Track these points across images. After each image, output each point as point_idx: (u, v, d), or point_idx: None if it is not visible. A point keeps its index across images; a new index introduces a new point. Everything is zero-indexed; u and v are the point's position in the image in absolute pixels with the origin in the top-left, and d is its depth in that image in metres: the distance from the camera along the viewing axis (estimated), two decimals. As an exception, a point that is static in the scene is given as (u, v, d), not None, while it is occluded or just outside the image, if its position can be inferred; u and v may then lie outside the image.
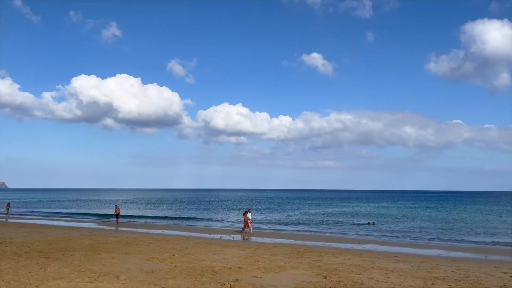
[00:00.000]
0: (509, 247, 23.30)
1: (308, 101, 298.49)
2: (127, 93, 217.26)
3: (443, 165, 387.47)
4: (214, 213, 54.53)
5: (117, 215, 35.61)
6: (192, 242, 20.24)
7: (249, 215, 27.61)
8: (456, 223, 39.21)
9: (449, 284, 10.83)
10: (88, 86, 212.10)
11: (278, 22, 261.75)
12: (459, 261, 15.92)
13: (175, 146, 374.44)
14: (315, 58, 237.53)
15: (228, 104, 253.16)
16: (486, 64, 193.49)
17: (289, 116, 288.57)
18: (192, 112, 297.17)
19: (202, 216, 48.60)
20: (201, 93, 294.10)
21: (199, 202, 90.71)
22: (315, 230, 32.74)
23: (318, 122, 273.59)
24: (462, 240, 26.54)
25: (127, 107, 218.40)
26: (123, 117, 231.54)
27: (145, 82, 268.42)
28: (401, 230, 32.90)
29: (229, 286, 10.08)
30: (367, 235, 28.98)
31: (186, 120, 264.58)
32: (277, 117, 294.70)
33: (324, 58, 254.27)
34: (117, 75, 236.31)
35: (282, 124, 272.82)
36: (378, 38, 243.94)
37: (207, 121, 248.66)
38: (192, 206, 71.53)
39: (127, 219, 41.95)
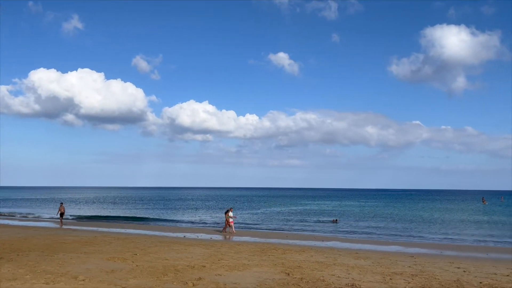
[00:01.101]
0: (462, 243, 24.45)
1: (275, 100, 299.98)
2: (90, 88, 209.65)
3: (403, 164, 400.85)
4: (179, 211, 53.91)
5: (61, 214, 33.05)
6: (155, 241, 19.91)
7: (230, 213, 27.01)
8: (414, 220, 40.70)
9: (406, 279, 11.23)
10: (47, 80, 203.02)
11: (245, 21, 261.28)
12: (416, 257, 16.54)
13: (139, 144, 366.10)
14: (282, 58, 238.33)
15: (194, 101, 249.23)
16: (444, 68, 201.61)
17: (256, 114, 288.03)
18: (157, 109, 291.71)
19: (166, 214, 47.92)
20: (166, 89, 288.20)
21: (164, 200, 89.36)
22: (279, 228, 33.04)
23: (284, 121, 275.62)
24: (419, 237, 27.60)
25: (89, 103, 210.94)
26: (85, 113, 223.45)
27: (108, 77, 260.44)
28: (363, 227, 33.78)
29: (191, 285, 10.00)
30: (331, 232, 29.55)
31: (151, 117, 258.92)
32: (243, 116, 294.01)
33: (291, 58, 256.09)
34: (79, 69, 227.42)
35: (248, 123, 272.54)
36: (343, 40, 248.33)
37: (172, 118, 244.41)
38: (156, 205, 70.36)
39: (87, 220, 40.70)
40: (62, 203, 35.94)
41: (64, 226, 30.19)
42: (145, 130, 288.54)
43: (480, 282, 11.02)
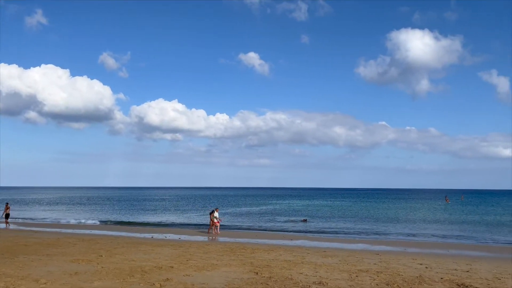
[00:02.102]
0: (425, 240, 25.31)
1: (245, 100, 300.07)
2: (54, 85, 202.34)
3: (370, 164, 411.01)
4: (147, 212, 52.98)
5: (7, 215, 30.67)
6: (121, 242, 19.48)
7: (216, 214, 26.57)
8: (380, 219, 41.78)
9: (371, 276, 11.50)
10: (8, 76, 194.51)
11: (216, 20, 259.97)
12: (381, 254, 16.99)
13: (106, 142, 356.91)
14: (252, 58, 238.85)
15: (163, 100, 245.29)
16: (409, 70, 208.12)
17: (226, 114, 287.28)
18: (124, 107, 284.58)
19: (134, 215, 47.00)
20: (135, 87, 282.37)
21: (132, 200, 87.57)
22: (249, 227, 33.08)
23: (255, 121, 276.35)
24: (385, 235, 28.35)
25: (53, 100, 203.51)
26: (48, 110, 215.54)
27: (74, 74, 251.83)
28: (331, 226, 34.34)
29: (159, 286, 9.84)
30: (299, 231, 29.86)
31: (118, 115, 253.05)
32: (214, 115, 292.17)
33: (261, 58, 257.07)
34: (42, 65, 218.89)
35: (219, 122, 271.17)
36: (313, 41, 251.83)
37: (141, 117, 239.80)
38: (123, 205, 68.86)
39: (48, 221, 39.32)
40: (7, 203, 33.99)
41: (25, 228, 28.99)
42: (112, 129, 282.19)
43: (441, 278, 11.43)
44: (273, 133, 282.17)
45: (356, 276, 11.51)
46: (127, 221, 38.75)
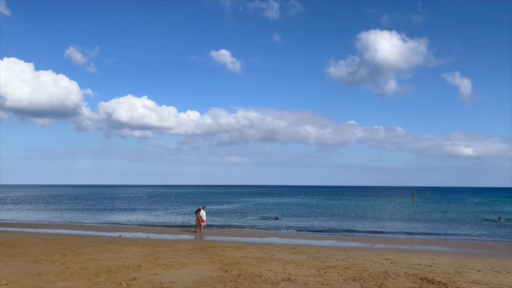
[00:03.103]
0: (391, 236, 26.03)
1: (216, 97, 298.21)
2: (17, 79, 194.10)
3: (339, 162, 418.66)
4: (115, 210, 51.87)
5: None
6: (87, 241, 18.98)
7: (203, 212, 26.00)
8: (349, 216, 42.64)
9: (339, 272, 11.71)
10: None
11: (188, 16, 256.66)
12: (349, 250, 17.33)
13: (73, 139, 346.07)
14: (224, 55, 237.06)
15: (132, 96, 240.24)
16: (377, 71, 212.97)
17: (197, 111, 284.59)
18: (92, 103, 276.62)
19: (101, 213, 45.90)
20: (103, 83, 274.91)
21: (99, 198, 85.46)
22: (220, 225, 32.97)
23: (226, 118, 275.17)
24: (353, 231, 28.96)
25: (16, 95, 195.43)
26: (11, 105, 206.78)
27: (38, 68, 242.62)
28: (301, 223, 34.74)
29: (126, 285, 9.65)
30: (270, 229, 30.04)
31: (86, 111, 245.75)
32: (185, 112, 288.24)
33: (233, 55, 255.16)
34: (5, 58, 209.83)
35: (190, 119, 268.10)
36: (284, 40, 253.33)
37: (109, 113, 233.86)
38: (90, 203, 67.09)
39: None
40: None
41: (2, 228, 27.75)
42: (79, 125, 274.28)
43: (406, 272, 11.79)
44: (244, 131, 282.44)
45: (324, 272, 11.69)
46: (95, 222, 37.80)
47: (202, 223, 25.90)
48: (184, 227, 30.41)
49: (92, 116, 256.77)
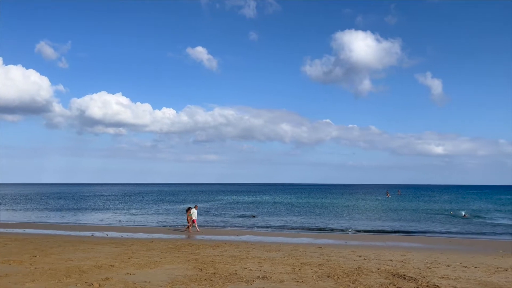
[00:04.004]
0: (364, 233, 26.52)
1: (193, 95, 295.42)
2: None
3: (314, 160, 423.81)
4: (88, 208, 50.73)
5: None
6: (58, 241, 18.50)
7: (194, 211, 25.31)
8: (324, 213, 43.16)
9: (314, 269, 11.84)
10: None
11: (164, 12, 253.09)
12: (324, 247, 17.55)
13: (44, 136, 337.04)
14: (200, 52, 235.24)
15: (106, 92, 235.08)
16: (352, 70, 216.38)
17: (173, 108, 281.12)
18: (64, 99, 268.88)
19: (73, 212, 44.80)
20: (75, 79, 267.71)
21: (71, 197, 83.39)
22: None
23: (202, 116, 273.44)
24: (328, 228, 29.33)
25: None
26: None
27: (7, 62, 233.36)
28: (277, 220, 34.92)
29: (97, 285, 9.45)
30: (246, 226, 30.06)
31: (57, 107, 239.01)
32: (160, 109, 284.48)
33: (209, 53, 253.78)
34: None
35: (165, 117, 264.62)
36: (261, 38, 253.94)
37: (82, 110, 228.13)
38: (62, 202, 65.37)
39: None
40: None
41: None
42: (50, 122, 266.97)
43: (378, 268, 12.02)
44: (221, 128, 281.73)
45: (299, 269, 11.78)
46: (66, 221, 36.88)
47: (190, 224, 25.25)
48: (160, 226, 30.05)
49: (64, 113, 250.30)
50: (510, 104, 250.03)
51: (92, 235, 22.78)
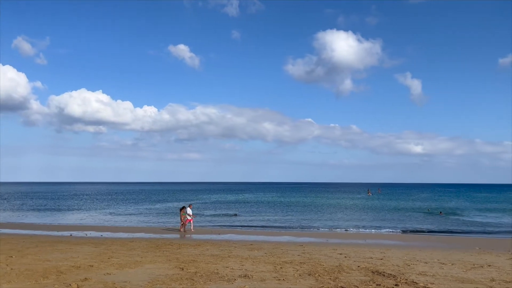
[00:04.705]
0: (344, 231, 26.81)
1: (175, 93, 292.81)
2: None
3: (296, 159, 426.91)
4: (66, 207, 49.75)
5: None
6: (35, 241, 18.08)
7: (189, 210, 24.93)
8: (305, 211, 43.46)
9: (295, 267, 11.90)
10: None
11: (146, 9, 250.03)
12: (305, 245, 17.67)
13: (20, 134, 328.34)
14: (182, 50, 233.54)
15: (86, 90, 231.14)
16: (334, 70, 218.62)
17: (154, 106, 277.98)
18: (42, 96, 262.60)
19: (51, 211, 43.88)
20: (54, 76, 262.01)
21: (50, 196, 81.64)
22: (176, 222, 32.50)
23: (184, 114, 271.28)
24: (309, 227, 29.54)
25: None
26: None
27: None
28: (259, 219, 34.99)
29: (76, 286, 9.27)
30: (228, 225, 30.01)
31: (35, 105, 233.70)
32: (141, 107, 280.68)
33: (191, 50, 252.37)
34: None
35: (146, 115, 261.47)
36: (244, 37, 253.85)
37: (60, 108, 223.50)
38: (40, 202, 63.95)
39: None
40: None
41: None
42: (28, 120, 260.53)
43: (358, 266, 12.17)
44: (203, 127, 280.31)
45: (281, 267, 11.83)
46: (44, 221, 36.10)
47: (186, 222, 24.82)
48: (141, 225, 29.72)
49: (42, 110, 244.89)
50: (486, 104, 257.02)
51: (71, 235, 22.36)
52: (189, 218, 24.90)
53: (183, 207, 25.52)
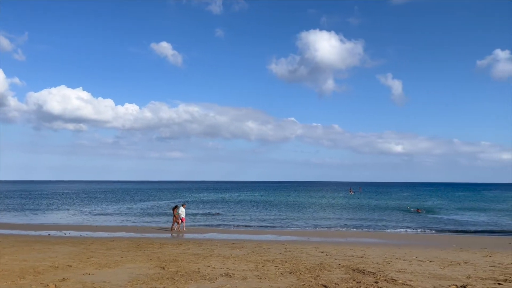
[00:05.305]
0: (327, 229, 27.05)
1: (157, 91, 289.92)
2: None
3: (279, 158, 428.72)
4: (45, 207, 48.72)
5: None
6: (12, 241, 17.66)
7: (182, 210, 24.53)
8: (288, 210, 43.66)
9: (277, 266, 11.94)
10: None
11: (128, 5, 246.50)
12: (287, 244, 17.75)
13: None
14: (165, 48, 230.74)
15: (66, 87, 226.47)
16: (316, 70, 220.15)
17: (136, 104, 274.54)
18: (20, 93, 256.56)
19: (29, 211, 42.89)
20: (33, 72, 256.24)
21: (28, 195, 79.80)
22: (158, 221, 32.26)
23: (167, 112, 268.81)
24: (291, 225, 29.70)
25: None
26: None
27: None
28: (241, 218, 34.99)
29: (54, 286, 9.09)
30: (211, 225, 29.89)
31: (13, 101, 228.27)
32: (122, 105, 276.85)
33: (174, 48, 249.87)
34: None
35: (128, 113, 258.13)
36: (227, 35, 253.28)
37: (39, 105, 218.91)
38: (17, 200, 62.44)
39: None
40: None
41: None
42: (5, 117, 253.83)
43: (339, 264, 12.30)
44: (186, 125, 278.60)
45: (262, 266, 11.85)
46: (21, 220, 35.26)
47: (179, 221, 24.53)
48: (121, 224, 29.33)
49: (20, 107, 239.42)
50: (464, 105, 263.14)
51: (49, 234, 21.92)
52: (182, 217, 24.64)
53: (176, 206, 25.23)
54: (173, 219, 24.79)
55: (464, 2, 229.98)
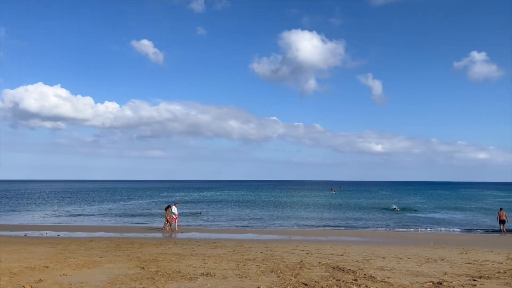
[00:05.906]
0: (308, 228, 27.27)
1: (137, 89, 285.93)
2: None
3: (261, 157, 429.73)
4: (21, 207, 47.52)
5: None
6: (-14, 242, 17.16)
7: (174, 209, 24.21)
8: (269, 209, 43.79)
9: (258, 264, 11.97)
10: None
11: (109, 3, 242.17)
12: (268, 243, 17.81)
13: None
14: (146, 46, 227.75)
15: (43, 84, 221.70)
16: (298, 69, 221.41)
17: (116, 102, 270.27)
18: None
19: (4, 211, 41.76)
20: (9, 68, 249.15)
21: (4, 195, 77.68)
22: (138, 221, 31.90)
23: (147, 111, 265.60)
24: (273, 224, 29.81)
25: None
26: None
27: None
28: (223, 217, 34.90)
29: (29, 288, 8.88)
30: (192, 225, 29.72)
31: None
32: (102, 103, 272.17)
33: (155, 46, 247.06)
34: None
35: (108, 111, 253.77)
36: (209, 33, 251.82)
37: (15, 102, 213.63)
38: (-8, 200, 60.72)
39: None
40: None
41: None
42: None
43: (320, 262, 12.42)
44: (167, 124, 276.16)
45: (243, 265, 11.86)
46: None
47: (172, 221, 24.27)
48: (101, 224, 28.87)
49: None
50: (441, 106, 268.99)
51: (25, 235, 21.41)
52: (174, 217, 24.42)
53: (168, 206, 24.97)
54: (166, 218, 24.51)
55: (442, 4, 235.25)
